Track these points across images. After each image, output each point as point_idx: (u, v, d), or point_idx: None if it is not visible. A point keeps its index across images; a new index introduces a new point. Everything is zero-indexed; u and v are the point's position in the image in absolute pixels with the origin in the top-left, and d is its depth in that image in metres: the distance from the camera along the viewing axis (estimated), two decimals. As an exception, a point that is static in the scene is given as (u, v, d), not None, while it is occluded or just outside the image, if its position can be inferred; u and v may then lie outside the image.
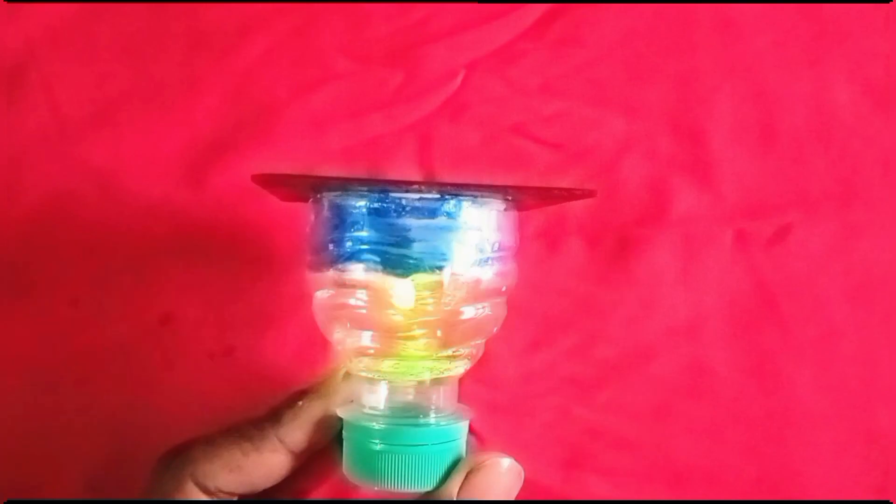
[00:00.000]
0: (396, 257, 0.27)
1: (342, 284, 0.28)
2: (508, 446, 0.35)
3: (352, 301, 0.28)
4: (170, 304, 0.39)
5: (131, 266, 0.39)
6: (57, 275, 0.39)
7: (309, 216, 0.30)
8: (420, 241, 0.27)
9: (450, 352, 0.29)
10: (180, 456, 0.29)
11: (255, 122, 0.40)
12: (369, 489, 0.29)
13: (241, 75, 0.40)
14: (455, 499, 0.28)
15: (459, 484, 0.28)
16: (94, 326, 0.39)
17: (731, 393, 0.39)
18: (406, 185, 0.28)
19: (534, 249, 0.40)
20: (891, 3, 0.41)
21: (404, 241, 0.27)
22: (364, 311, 0.28)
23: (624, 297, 0.40)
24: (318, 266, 0.29)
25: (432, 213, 0.27)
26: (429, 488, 0.29)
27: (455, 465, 0.29)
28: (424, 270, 0.27)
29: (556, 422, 0.39)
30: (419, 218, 0.27)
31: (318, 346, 0.38)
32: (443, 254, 0.27)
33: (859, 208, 0.40)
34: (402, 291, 0.28)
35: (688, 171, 0.40)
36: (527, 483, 0.30)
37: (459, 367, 0.30)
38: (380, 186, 0.28)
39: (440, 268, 0.27)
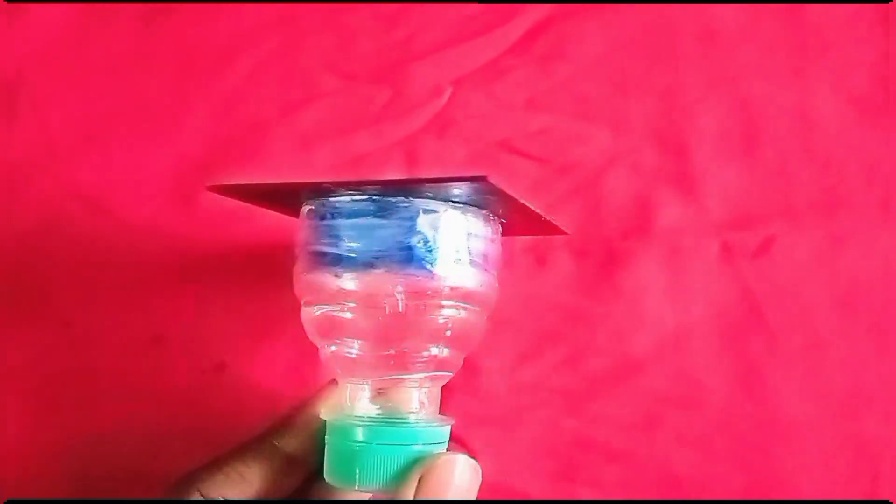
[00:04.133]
0: (333, 255, 0.28)
1: (326, 290, 0.29)
2: (499, 458, 0.35)
3: (336, 308, 0.29)
4: (161, 322, 0.40)
5: (122, 285, 0.40)
6: (49, 296, 0.40)
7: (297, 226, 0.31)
8: (352, 239, 0.28)
9: (416, 353, 0.29)
10: (186, 478, 0.30)
11: (244, 140, 0.41)
12: (344, 489, 0.30)
13: (228, 95, 0.41)
14: (410, 499, 0.28)
15: (415, 483, 0.28)
16: (87, 346, 0.39)
17: (720, 403, 0.39)
18: (331, 185, 0.28)
19: (522, 263, 0.40)
20: (891, 3, 0.41)
21: (337, 238, 0.28)
22: (348, 315, 0.29)
23: (612, 309, 0.40)
24: (304, 273, 0.30)
25: (364, 214, 0.28)
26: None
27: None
28: (357, 268, 0.28)
29: (546, 433, 0.39)
30: (352, 217, 0.28)
31: (308, 360, 0.38)
32: (376, 251, 0.28)
33: (844, 218, 0.40)
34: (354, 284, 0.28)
35: (673, 184, 0.40)
36: (517, 495, 0.30)
37: (427, 372, 0.30)
38: (327, 188, 0.29)
39: (372, 265, 0.28)
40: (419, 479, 0.28)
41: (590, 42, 0.41)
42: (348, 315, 0.29)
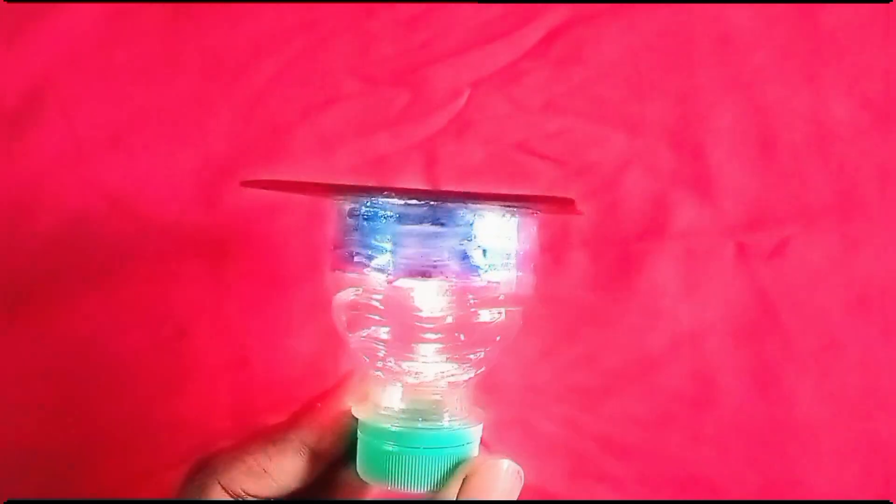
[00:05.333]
0: (386, 261, 0.28)
1: (362, 287, 0.29)
2: (515, 455, 0.35)
3: (365, 302, 0.29)
4: (185, 318, 0.40)
5: (147, 282, 0.40)
6: (76, 293, 0.40)
7: (330, 218, 0.31)
8: (408, 246, 0.28)
9: (460, 356, 0.29)
10: (207, 466, 0.30)
11: (267, 142, 0.41)
12: (380, 488, 0.30)
13: (252, 97, 0.41)
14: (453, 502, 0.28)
15: (457, 488, 0.29)
16: (113, 342, 0.40)
17: (734, 402, 0.40)
18: (391, 192, 0.28)
19: (539, 263, 0.40)
20: (890, 3, 0.41)
21: (392, 245, 0.28)
22: (378, 314, 0.29)
23: (628, 309, 0.40)
24: (335, 265, 0.30)
25: (420, 220, 0.28)
26: (438, 490, 0.29)
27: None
28: (412, 275, 0.28)
29: (563, 431, 0.40)
30: (407, 224, 0.28)
31: (330, 355, 0.39)
32: (434, 260, 0.28)
33: (858, 220, 0.41)
34: (422, 295, 0.28)
35: (689, 186, 0.41)
36: (533, 491, 0.30)
37: (473, 372, 0.30)
38: (368, 193, 0.29)
39: (428, 273, 0.28)
40: (462, 482, 0.29)
41: (607, 45, 0.41)
42: (380, 314, 0.29)
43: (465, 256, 0.28)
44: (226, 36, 0.41)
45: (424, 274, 0.28)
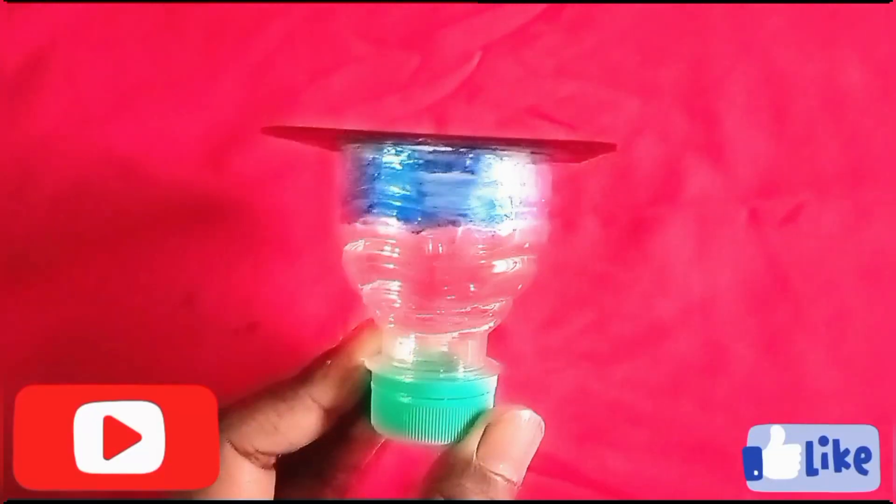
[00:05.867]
0: (412, 211, 0.27)
1: (372, 236, 0.28)
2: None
3: (382, 253, 0.29)
4: (193, 283, 0.40)
5: (154, 247, 0.40)
6: (83, 258, 0.40)
7: (338, 168, 0.30)
8: (436, 195, 0.27)
9: (478, 306, 0.29)
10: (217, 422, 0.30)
11: (274, 106, 0.41)
12: (396, 440, 0.30)
13: (259, 60, 0.41)
14: (474, 453, 0.28)
15: (478, 439, 0.28)
16: (121, 306, 0.40)
17: (745, 369, 0.40)
18: (422, 139, 0.28)
19: (550, 229, 0.40)
20: (891, 3, 0.41)
21: (420, 194, 0.27)
22: (394, 263, 0.28)
23: (639, 275, 0.40)
24: (348, 218, 0.29)
25: (449, 167, 0.27)
26: (457, 441, 0.29)
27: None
28: (441, 225, 0.27)
29: (573, 397, 0.40)
30: (435, 171, 0.27)
31: (340, 319, 0.39)
32: (462, 208, 0.27)
33: (871, 188, 0.40)
34: (441, 243, 0.28)
35: (701, 152, 0.40)
36: (543, 457, 0.30)
37: (488, 323, 0.30)
38: (396, 139, 0.28)
39: (457, 223, 0.27)
40: (483, 433, 0.28)
41: (619, 9, 0.41)
42: (393, 263, 0.29)
43: (492, 205, 0.28)
44: (233, -2, 0.41)
45: (453, 223, 0.27)
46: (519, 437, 0.29)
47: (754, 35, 0.41)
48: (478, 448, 0.28)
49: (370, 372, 0.30)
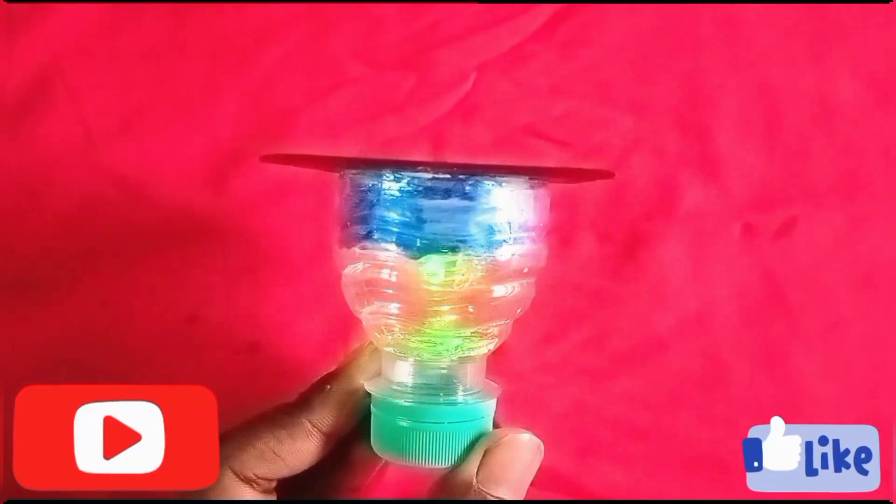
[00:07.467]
0: (412, 237, 0.28)
1: (370, 261, 0.29)
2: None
3: (380, 277, 0.29)
4: (195, 303, 0.40)
5: (157, 267, 0.40)
6: (86, 278, 0.40)
7: (336, 192, 0.30)
8: (435, 221, 0.28)
9: (477, 329, 0.29)
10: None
11: (274, 127, 0.41)
12: (395, 463, 0.30)
13: (258, 82, 0.41)
14: (473, 477, 0.28)
15: (478, 462, 0.28)
16: (123, 327, 0.40)
17: (742, 382, 0.40)
18: (421, 166, 0.28)
19: (546, 244, 0.41)
20: (891, 3, 0.41)
21: (419, 221, 0.27)
22: (392, 288, 0.29)
23: (635, 290, 0.40)
24: (347, 243, 0.29)
25: (448, 194, 0.28)
26: (457, 464, 0.29)
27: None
28: (440, 251, 0.28)
29: (572, 412, 0.40)
30: (434, 198, 0.28)
31: (341, 339, 0.39)
32: (461, 234, 0.28)
33: (864, 200, 0.41)
34: (432, 268, 0.28)
35: (695, 167, 0.41)
36: (544, 471, 0.30)
37: (486, 346, 0.30)
38: (395, 167, 0.28)
39: (456, 249, 0.28)
40: (482, 456, 0.28)
41: (612, 27, 0.41)
42: (391, 288, 0.29)
43: (491, 230, 0.28)
44: (232, 20, 0.42)
45: (452, 249, 0.28)
46: (518, 461, 0.29)
47: (746, 50, 0.42)
48: (477, 472, 0.28)
49: (370, 394, 0.30)
